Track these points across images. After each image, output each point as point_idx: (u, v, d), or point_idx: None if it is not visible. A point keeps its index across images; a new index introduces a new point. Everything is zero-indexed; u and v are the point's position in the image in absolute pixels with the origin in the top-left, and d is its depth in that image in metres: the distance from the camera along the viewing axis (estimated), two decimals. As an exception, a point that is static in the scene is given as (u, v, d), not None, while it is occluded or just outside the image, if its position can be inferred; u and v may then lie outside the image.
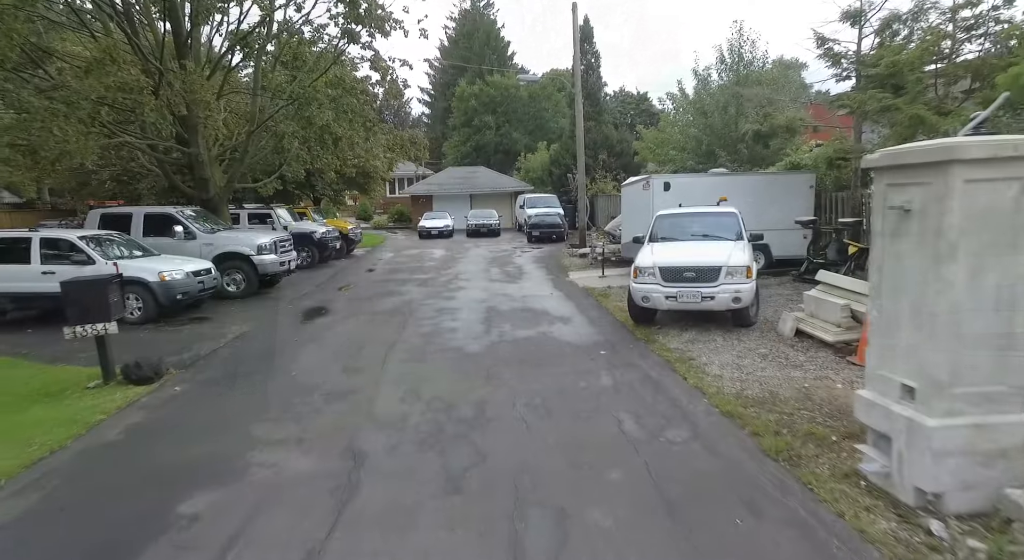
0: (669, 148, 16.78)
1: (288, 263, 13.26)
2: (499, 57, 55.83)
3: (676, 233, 9.27)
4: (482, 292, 12.52)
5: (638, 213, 13.25)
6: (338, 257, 20.24)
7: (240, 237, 12.54)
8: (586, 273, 14.73)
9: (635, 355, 7.21)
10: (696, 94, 16.47)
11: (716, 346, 7.37)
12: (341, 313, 10.71)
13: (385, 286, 13.88)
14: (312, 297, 12.62)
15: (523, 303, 11.08)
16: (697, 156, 15.66)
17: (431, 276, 15.33)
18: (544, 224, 24.95)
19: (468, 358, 7.38)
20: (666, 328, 8.45)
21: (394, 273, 16.31)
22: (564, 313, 10.03)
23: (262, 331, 9.41)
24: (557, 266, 16.76)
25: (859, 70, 8.94)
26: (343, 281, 15.05)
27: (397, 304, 11.38)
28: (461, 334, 8.69)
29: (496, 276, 15.01)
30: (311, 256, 17.73)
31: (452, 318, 9.88)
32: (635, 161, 31.51)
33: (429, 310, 10.66)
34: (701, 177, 12.83)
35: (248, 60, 15.92)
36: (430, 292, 12.71)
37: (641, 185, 12.93)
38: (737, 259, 7.88)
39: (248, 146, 15.27)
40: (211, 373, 7.06)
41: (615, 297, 11.28)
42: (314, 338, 8.76)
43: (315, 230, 17.70)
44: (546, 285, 13.34)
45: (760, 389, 5.73)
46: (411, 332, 8.92)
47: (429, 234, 28.48)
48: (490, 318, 9.77)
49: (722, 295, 7.72)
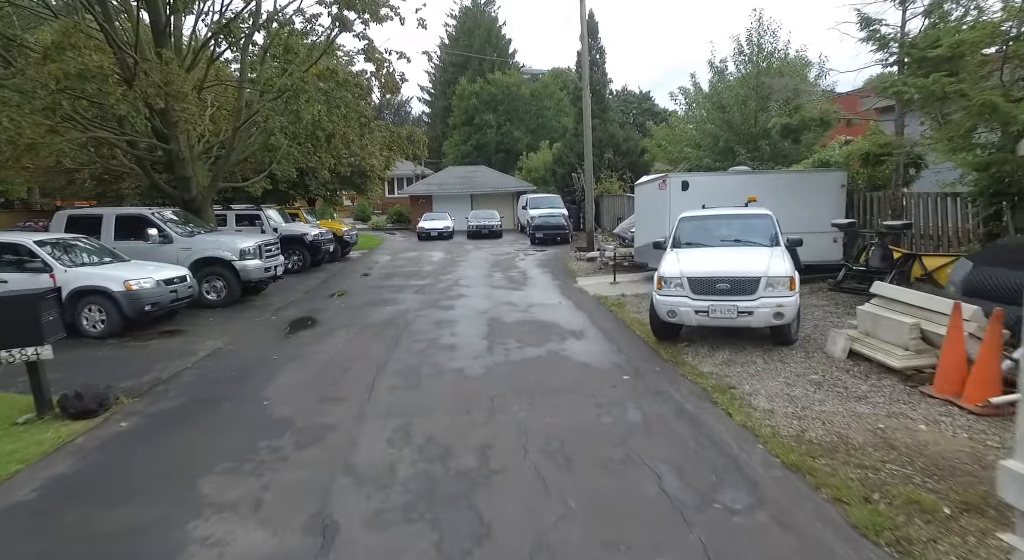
0: (683, 145, 15.76)
1: (274, 269, 12.26)
2: (500, 55, 54.77)
3: (703, 238, 8.25)
4: (484, 301, 11.50)
5: (653, 215, 12.24)
6: (332, 260, 19.25)
7: (221, 241, 11.53)
8: (596, 279, 13.71)
9: (663, 381, 6.19)
10: (712, 88, 15.44)
11: (757, 370, 6.35)
12: (329, 325, 9.70)
13: (379, 293, 12.87)
14: (299, 306, 11.61)
15: (529, 314, 10.07)
16: (714, 153, 14.65)
17: (429, 282, 14.32)
18: (548, 226, 23.95)
19: (469, 384, 6.37)
20: (694, 346, 7.44)
21: (390, 278, 15.30)
22: (576, 326, 9.02)
23: (238, 347, 8.40)
24: (564, 271, 15.74)
25: (910, 53, 7.92)
26: (335, 287, 14.03)
27: (391, 314, 10.37)
28: (461, 352, 7.67)
29: (499, 282, 14.00)
30: (302, 260, 16.74)
31: (451, 332, 8.87)
32: (642, 160, 30.51)
33: (426, 322, 9.64)
34: (722, 176, 11.82)
35: (233, 50, 14.92)
36: (427, 300, 11.70)
37: (656, 184, 11.92)
38: (778, 268, 6.86)
39: (234, 143, 14.25)
40: (169, 402, 6.04)
41: (631, 307, 10.27)
42: (295, 356, 7.75)
43: (306, 232, 16.70)
44: (553, 292, 12.33)
45: (824, 430, 4.71)
46: (404, 349, 7.91)
47: (428, 236, 27.48)
48: (493, 332, 8.76)
49: (762, 310, 6.70)
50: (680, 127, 16.76)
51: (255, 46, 15.42)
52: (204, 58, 13.74)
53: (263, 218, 16.48)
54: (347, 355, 7.72)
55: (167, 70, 10.74)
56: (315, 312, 10.89)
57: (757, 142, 13.90)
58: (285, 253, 16.48)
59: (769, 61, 14.12)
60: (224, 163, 14.32)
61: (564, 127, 49.21)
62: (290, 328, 9.61)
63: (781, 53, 14.32)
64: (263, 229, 16.44)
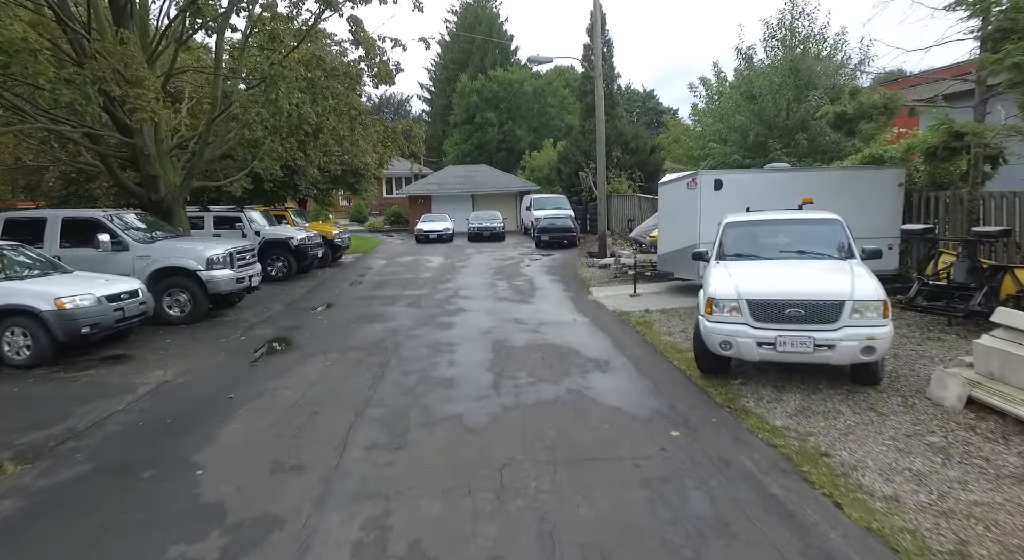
0: (707, 140, 14.28)
1: (248, 279, 10.77)
2: (502, 52, 53.34)
3: (755, 248, 6.76)
4: (487, 317, 10.02)
5: (681, 218, 10.76)
6: (322, 266, 17.80)
7: (185, 248, 10.05)
8: (612, 290, 12.22)
9: (727, 440, 4.70)
10: (739, 76, 13.94)
11: (847, 424, 4.86)
12: (305, 348, 8.22)
13: (369, 306, 11.38)
14: (276, 322, 10.13)
15: (541, 334, 8.58)
16: (742, 149, 13.17)
17: (426, 292, 12.84)
18: (554, 228, 22.46)
19: (470, 441, 4.89)
20: (752, 383, 5.95)
21: (382, 287, 13.82)
22: (599, 352, 7.53)
23: (191, 379, 6.92)
24: (575, 279, 14.25)
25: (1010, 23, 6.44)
26: (320, 299, 12.54)
27: (379, 335, 8.89)
28: (460, 390, 6.19)
29: (504, 292, 12.51)
30: (287, 266, 15.26)
31: (448, 360, 7.38)
32: (652, 158, 29.05)
33: (419, 345, 8.16)
34: (758, 174, 10.34)
35: (209, 34, 13.45)
36: (423, 316, 10.21)
37: (684, 183, 10.43)
38: (866, 290, 5.37)
39: (208, 137, 12.78)
40: (70, 471, 4.56)
41: (659, 326, 8.79)
42: (257, 393, 6.27)
43: (292, 236, 15.22)
44: (566, 306, 10.84)
45: (997, 544, 3.22)
46: (391, 384, 6.43)
47: (427, 238, 26.01)
48: (499, 360, 7.27)
49: (847, 344, 5.21)
50: (702, 120, 15.27)
51: (235, 31, 14.05)
52: (172, 41, 12.26)
53: (244, 221, 15.01)
54: (320, 392, 6.24)
55: (121, 51, 9.28)
56: (292, 330, 9.41)
57: (793, 136, 12.41)
58: (269, 259, 15.11)
59: (805, 45, 12.60)
60: (197, 160, 12.84)
61: (568, 125, 47.76)
62: (259, 352, 8.12)
63: (818, 37, 12.82)
64: (244, 233, 14.99)
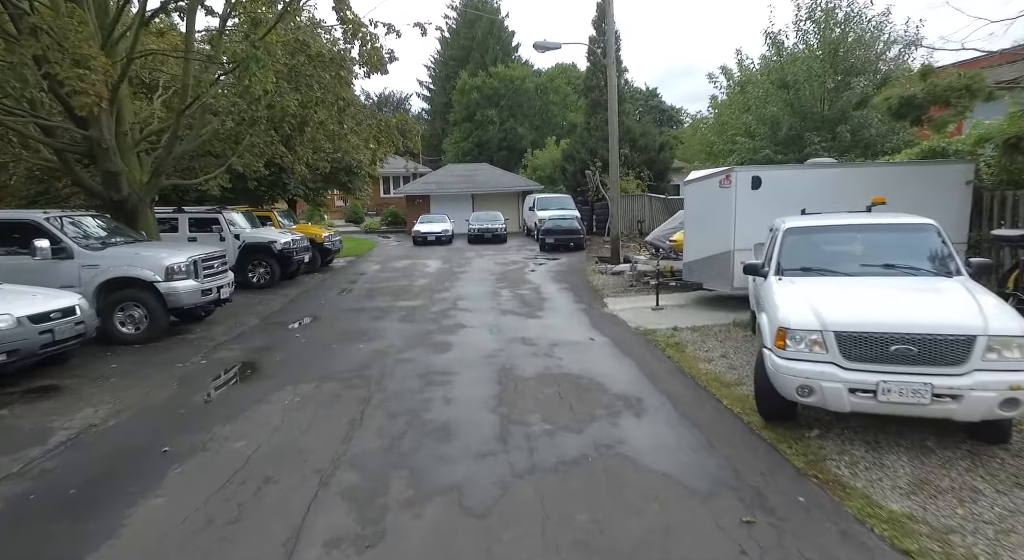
0: (732, 134, 12.92)
1: (218, 290, 9.42)
2: (503, 48, 52.06)
3: (829, 261, 5.43)
4: (490, 335, 8.67)
5: (711, 220, 9.42)
6: (310, 271, 16.46)
7: (142, 255, 8.71)
8: (630, 301, 10.87)
9: (831, 537, 3.35)
10: (766, 63, 12.56)
11: (999, 513, 3.51)
12: (274, 377, 6.87)
13: (356, 320, 10.03)
14: (246, 341, 8.78)
15: (555, 360, 7.23)
16: (774, 143, 11.82)
17: (421, 303, 11.48)
18: (560, 229, 21.11)
19: (470, 532, 3.54)
20: (833, 436, 4.61)
21: (373, 296, 12.46)
22: (627, 385, 6.18)
23: (123, 423, 5.57)
24: (586, 288, 12.90)
25: None
26: (302, 311, 11.20)
27: (364, 359, 7.54)
28: (457, 444, 4.84)
29: (508, 304, 11.16)
30: (270, 273, 13.91)
31: (444, 395, 6.03)
32: (661, 156, 27.73)
33: (409, 374, 6.81)
34: (802, 170, 8.99)
35: (179, 15, 12.12)
36: (416, 333, 8.87)
37: (716, 181, 9.08)
38: (1004, 320, 4.03)
39: (179, 130, 11.44)
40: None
41: (695, 349, 7.44)
42: (199, 446, 4.93)
43: (275, 239, 13.87)
44: (580, 322, 9.49)
45: None
46: (370, 436, 5.08)
47: (425, 240, 24.66)
48: (506, 397, 5.92)
49: (980, 394, 3.86)
50: (725, 112, 13.90)
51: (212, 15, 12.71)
52: (135, 20, 10.90)
53: (222, 223, 13.66)
54: (280, 444, 4.89)
55: (62, 24, 7.94)
56: (264, 352, 8.06)
57: (834, 128, 11.07)
58: (249, 265, 13.80)
59: (845, 27, 11.20)
60: (166, 155, 11.49)
61: (571, 123, 46.45)
62: (218, 383, 6.78)
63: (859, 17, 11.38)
64: (222, 236, 13.66)
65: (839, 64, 10.97)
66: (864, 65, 10.84)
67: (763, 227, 8.52)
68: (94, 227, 9.24)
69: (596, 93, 28.70)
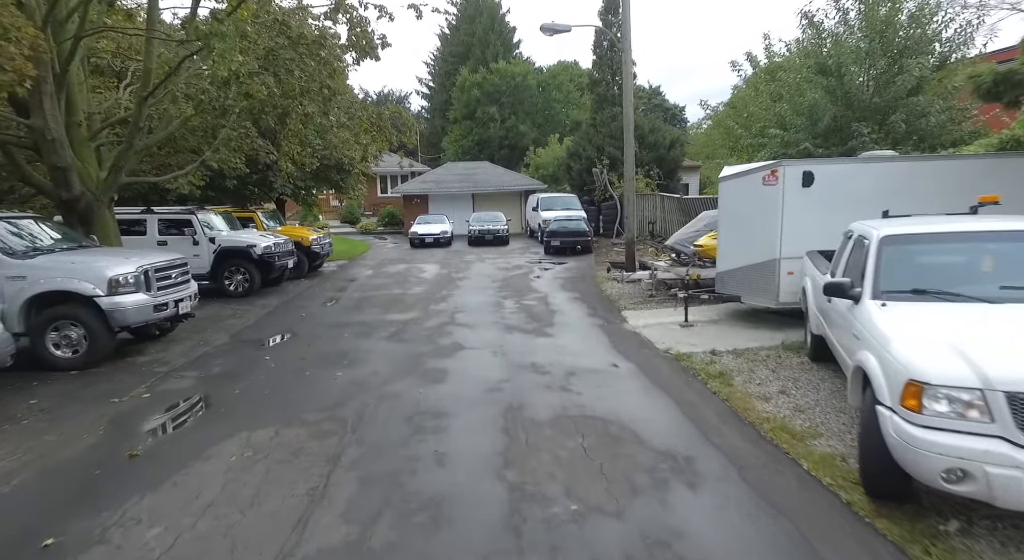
0: (762, 125, 11.53)
1: (176, 304, 8.08)
2: (504, 43, 50.75)
3: (949, 280, 4.09)
4: (493, 359, 7.33)
5: (751, 223, 8.06)
6: (296, 277, 15.13)
7: (81, 264, 7.37)
8: (653, 315, 9.52)
9: None
10: (801, 47, 11.16)
11: None
12: (226, 419, 5.53)
13: (337, 339, 8.69)
14: (205, 366, 7.43)
15: (573, 395, 5.88)
16: (812, 136, 10.45)
17: (414, 317, 10.13)
18: (566, 231, 19.76)
19: None
20: (982, 531, 3.27)
21: (362, 308, 11.12)
22: (670, 435, 4.83)
23: (10, 493, 4.23)
24: (599, 298, 11.55)
25: None
26: (279, 326, 9.85)
27: (340, 392, 6.20)
28: (452, 534, 3.49)
29: (513, 317, 9.81)
30: (248, 280, 12.57)
31: (435, 451, 4.68)
32: (671, 154, 26.38)
33: (393, 417, 5.47)
34: (863, 164, 7.64)
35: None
36: (406, 358, 7.52)
37: (760, 177, 7.73)
38: None
39: (141, 121, 10.11)
40: None
41: (743, 380, 6.09)
42: (97, 534, 3.59)
43: (254, 243, 12.52)
44: (598, 341, 8.14)
45: None
46: (335, 515, 3.73)
47: (422, 242, 23.31)
48: (516, 455, 4.57)
49: None
50: (749, 106, 12.54)
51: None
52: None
53: (195, 225, 12.32)
54: (205, 535, 3.55)
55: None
56: (222, 382, 6.72)
57: (885, 117, 9.71)
58: (227, 271, 12.47)
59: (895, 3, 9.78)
60: (126, 149, 10.15)
61: (574, 121, 45.14)
62: (152, 428, 5.44)
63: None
64: (195, 239, 12.32)
65: (888, 45, 9.63)
66: (919, 45, 9.50)
67: (815, 231, 7.22)
68: (29, 231, 7.89)
69: (603, 87, 27.40)
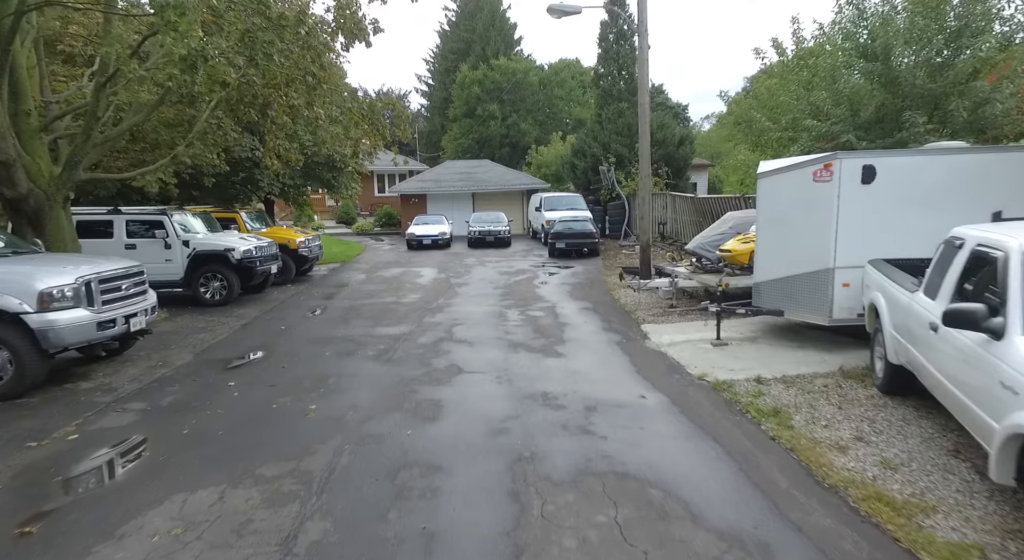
0: (793, 116, 10.31)
1: (127, 320, 6.94)
2: (505, 40, 49.58)
3: None
4: (497, 388, 6.18)
5: (799, 225, 6.90)
6: (283, 282, 14.00)
7: (6, 276, 6.22)
8: (677, 330, 8.37)
9: None
10: (839, 29, 9.98)
11: None
12: (159, 475, 4.39)
13: (316, 359, 7.54)
14: (155, 396, 6.28)
15: (596, 440, 4.74)
16: (854, 126, 9.28)
17: (407, 330, 8.98)
18: (572, 233, 18.62)
19: None
20: None
21: (348, 320, 9.97)
22: (728, 508, 3.69)
23: None
24: (613, 308, 10.40)
25: None
26: (252, 342, 8.69)
27: (310, 434, 5.06)
28: None
29: (519, 332, 8.66)
30: (226, 287, 11.43)
31: (423, 531, 3.53)
32: (680, 151, 25.23)
33: (372, 472, 4.32)
34: (933, 156, 6.48)
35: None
36: (393, 385, 6.37)
37: (810, 172, 6.59)
38: None
39: (98, 109, 8.97)
40: None
41: (805, 421, 4.94)
42: None
43: (232, 247, 11.38)
44: (619, 364, 7.00)
45: None
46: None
47: (420, 244, 22.15)
48: (530, 539, 3.41)
49: None
50: (778, 94, 11.33)
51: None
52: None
53: (167, 226, 11.18)
54: None
55: None
56: (170, 418, 5.57)
57: (941, 104, 8.56)
58: (202, 278, 11.36)
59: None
60: (83, 142, 9.02)
61: (577, 119, 44.00)
62: (64, 488, 4.30)
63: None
64: (167, 242, 11.19)
65: (943, 22, 8.50)
66: (978, 24, 8.36)
67: (877, 236, 6.11)
68: None
69: (609, 81, 26.28)
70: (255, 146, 14.41)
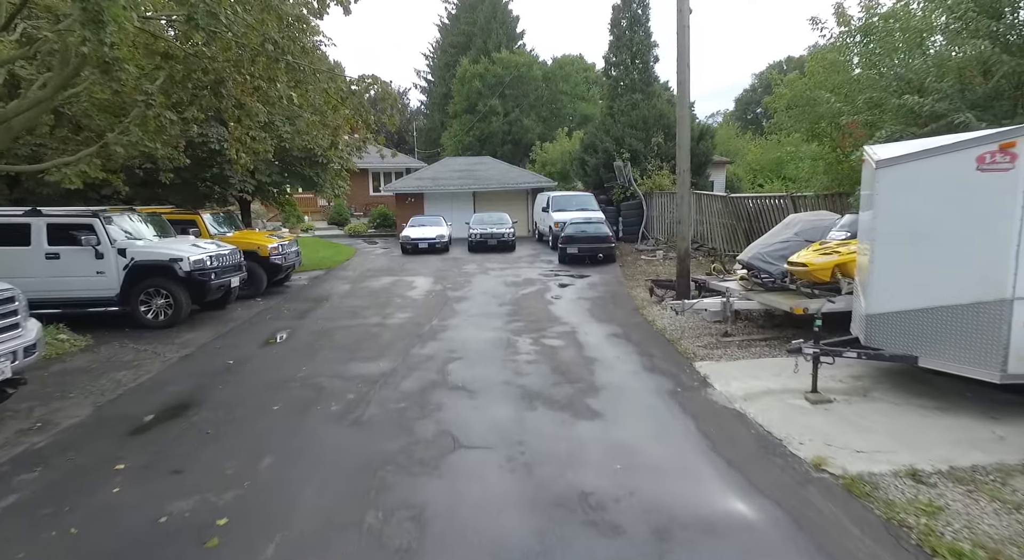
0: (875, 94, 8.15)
1: (12, 356, 4.85)
2: (507, 33, 47.50)
3: None
4: (508, 485, 4.07)
5: (948, 235, 4.78)
6: (252, 295, 11.94)
7: None
8: (744, 371, 6.26)
9: None
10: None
11: None
12: None
13: (255, 422, 5.44)
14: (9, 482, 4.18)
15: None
16: (967, 102, 7.15)
17: (387, 368, 6.86)
18: (585, 237, 16.51)
19: None
20: None
21: (314, 353, 7.84)
22: None
23: None
24: (649, 334, 8.28)
25: None
26: (181, 385, 6.56)
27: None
28: None
29: (534, 375, 6.54)
30: (173, 306, 9.35)
31: None
32: (700, 146, 23.05)
33: None
34: None
35: None
36: (356, 472, 4.26)
37: (976, 157, 4.48)
38: None
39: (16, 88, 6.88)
40: None
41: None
42: None
43: (179, 256, 9.29)
44: (686, 438, 4.87)
45: None
46: None
47: (415, 248, 20.03)
48: None
49: None
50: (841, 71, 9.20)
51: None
52: None
53: (98, 231, 9.10)
54: None
55: None
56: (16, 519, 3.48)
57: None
58: (143, 294, 9.33)
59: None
60: None
61: (583, 115, 41.87)
62: None
63: None
64: (98, 251, 9.11)
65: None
66: None
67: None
68: None
69: (621, 70, 24.16)
70: (224, 137, 12.32)
